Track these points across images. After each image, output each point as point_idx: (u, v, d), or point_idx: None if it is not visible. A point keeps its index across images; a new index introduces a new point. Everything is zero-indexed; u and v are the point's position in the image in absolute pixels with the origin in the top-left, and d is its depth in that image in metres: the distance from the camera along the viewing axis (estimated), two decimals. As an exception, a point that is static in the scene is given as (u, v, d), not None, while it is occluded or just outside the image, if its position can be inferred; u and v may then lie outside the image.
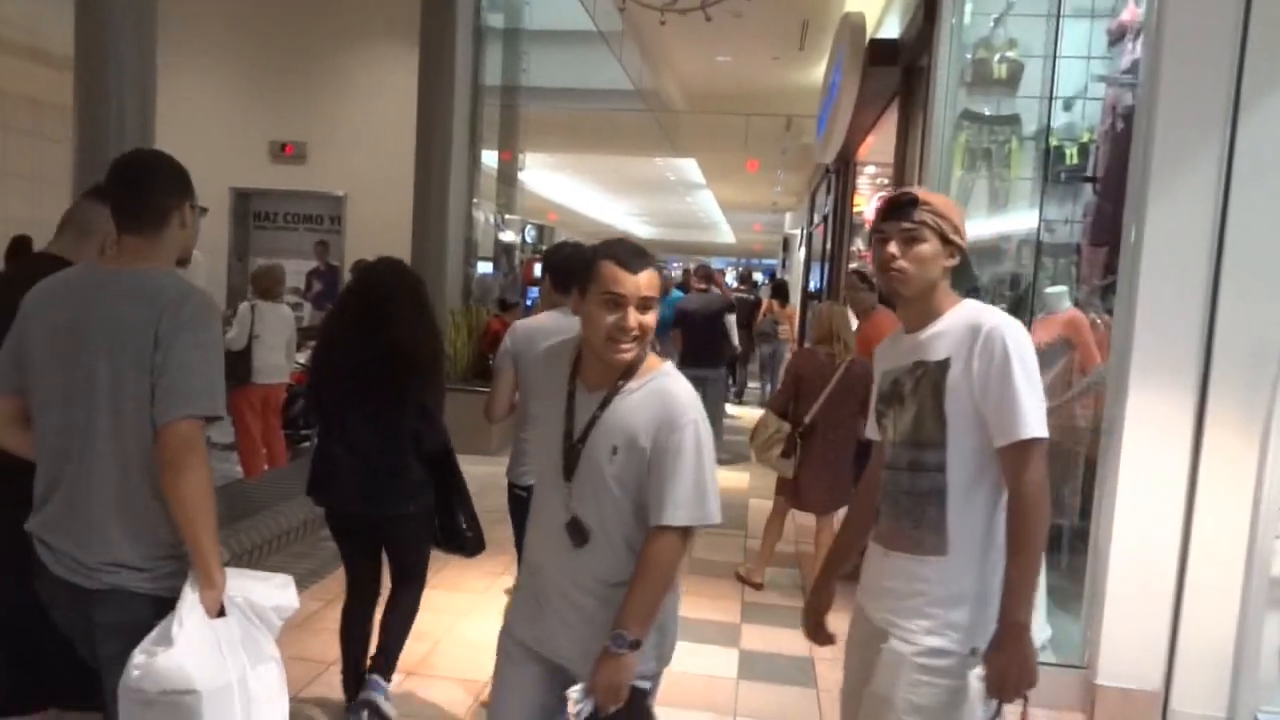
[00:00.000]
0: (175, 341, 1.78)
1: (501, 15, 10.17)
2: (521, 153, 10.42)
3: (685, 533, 1.79)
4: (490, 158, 10.24)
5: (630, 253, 1.83)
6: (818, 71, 10.72)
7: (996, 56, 5.00)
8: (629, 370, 1.84)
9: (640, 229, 41.06)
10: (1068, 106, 5.04)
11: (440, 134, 5.01)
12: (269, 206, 8.47)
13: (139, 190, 1.89)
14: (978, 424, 1.74)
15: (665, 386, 1.84)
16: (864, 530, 1.99)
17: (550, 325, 2.88)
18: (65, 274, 1.94)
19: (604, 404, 1.84)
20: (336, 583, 4.26)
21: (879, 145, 9.82)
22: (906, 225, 1.78)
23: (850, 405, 4.34)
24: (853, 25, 7.11)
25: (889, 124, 8.12)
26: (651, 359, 1.88)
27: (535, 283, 14.41)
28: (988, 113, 5.05)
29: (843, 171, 11.58)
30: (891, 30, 6.77)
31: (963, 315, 1.80)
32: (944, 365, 1.77)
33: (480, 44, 8.74)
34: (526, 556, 2.02)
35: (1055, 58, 3.81)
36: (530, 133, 12.80)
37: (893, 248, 1.79)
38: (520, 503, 2.92)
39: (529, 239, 33.98)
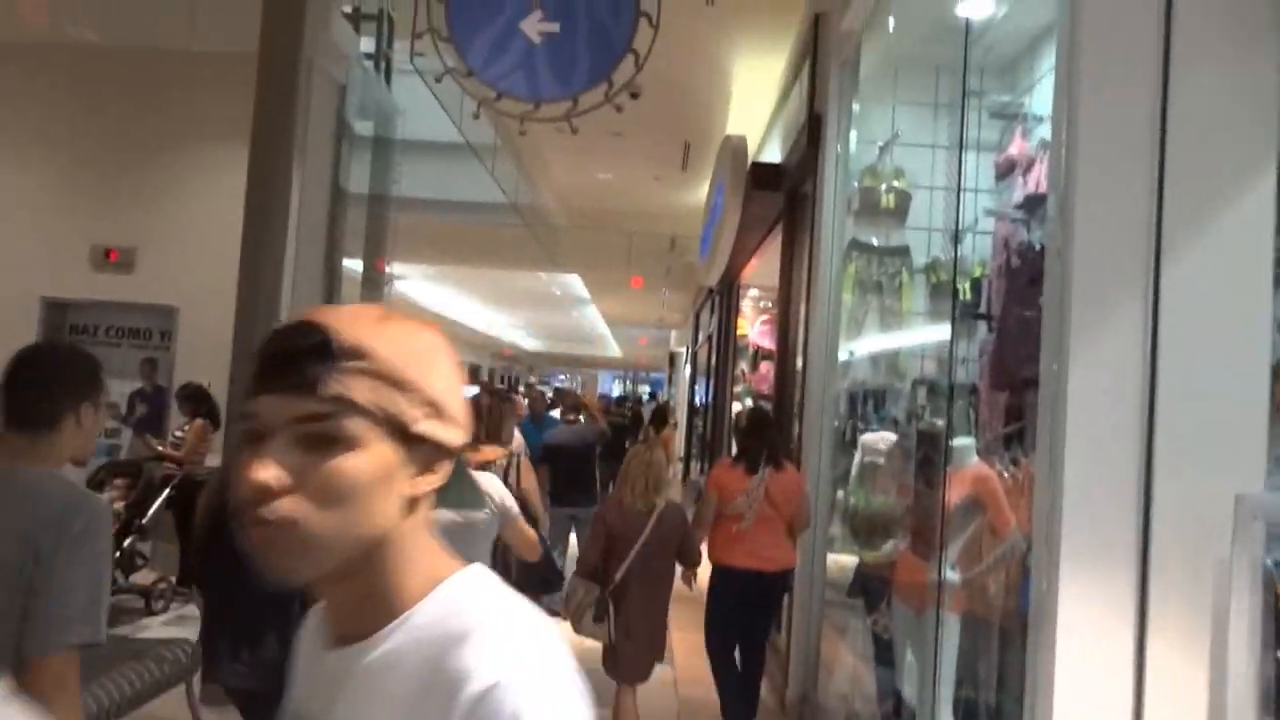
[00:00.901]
0: (60, 560, 1.62)
1: (371, 123, 9.64)
2: (390, 264, 9.74)
3: None
4: (357, 267, 9.55)
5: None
6: (701, 192, 10.61)
7: (884, 185, 4.75)
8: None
9: (526, 341, 40.62)
10: (955, 240, 4.80)
11: (270, 242, 4.34)
12: (89, 319, 7.48)
13: (33, 390, 1.77)
14: None
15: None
16: None
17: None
18: None
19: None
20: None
21: (763, 268, 9.65)
22: (310, 410, 0.79)
23: (667, 556, 4.09)
24: (734, 148, 6.90)
25: (773, 247, 7.91)
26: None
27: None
28: (876, 243, 4.75)
29: (726, 294, 11.39)
30: (774, 154, 6.57)
31: (442, 625, 0.81)
32: None
33: (342, 149, 8.14)
34: None
35: (960, 189, 3.48)
36: (405, 243, 12.19)
37: (262, 470, 0.77)
38: None
39: (410, 349, 33.06)
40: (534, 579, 3.72)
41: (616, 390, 51.38)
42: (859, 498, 4.67)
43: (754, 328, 11.70)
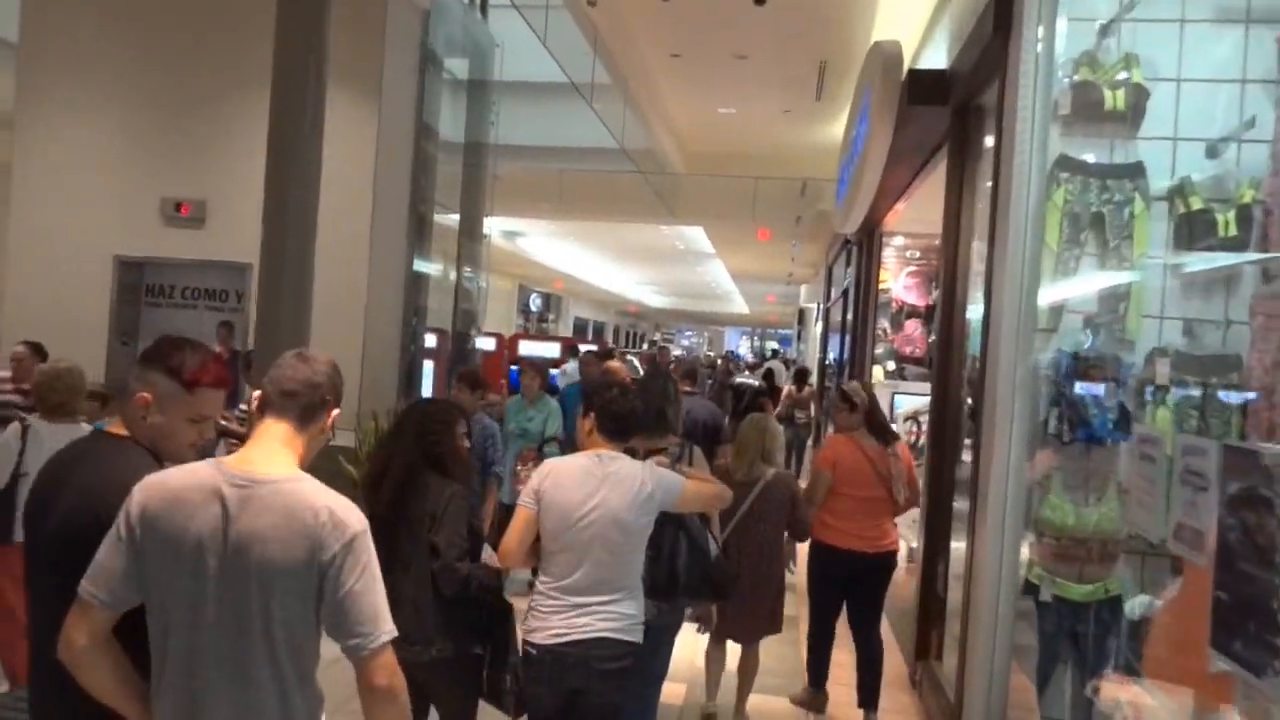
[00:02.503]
0: (346, 568, 1.68)
1: (465, 61, 8.74)
2: (490, 215, 8.91)
3: None
4: (453, 220, 8.76)
5: None
6: (837, 126, 9.24)
7: (1108, 80, 3.41)
8: None
9: (651, 298, 39.76)
10: (1212, 153, 3.43)
11: (299, 191, 3.46)
12: (163, 279, 6.94)
13: (302, 373, 1.83)
14: None
15: None
16: None
17: (583, 468, 2.79)
18: (190, 476, 1.72)
19: None
20: None
21: (910, 212, 8.29)
22: None
23: (768, 527, 4.00)
24: (885, 57, 5.58)
25: (927, 185, 6.57)
26: None
27: (519, 363, 12.83)
28: (1095, 160, 3.44)
29: (866, 243, 10.02)
30: (938, 59, 5.24)
31: None
32: None
33: (428, 85, 7.25)
34: None
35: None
36: (511, 195, 11.36)
37: None
38: (529, 662, 2.77)
39: (535, 308, 32.85)
40: (705, 582, 3.23)
41: (743, 347, 50.03)
42: (1061, 510, 3.44)
43: (898, 281, 10.34)
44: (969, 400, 4.89)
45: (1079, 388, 3.40)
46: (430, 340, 8.77)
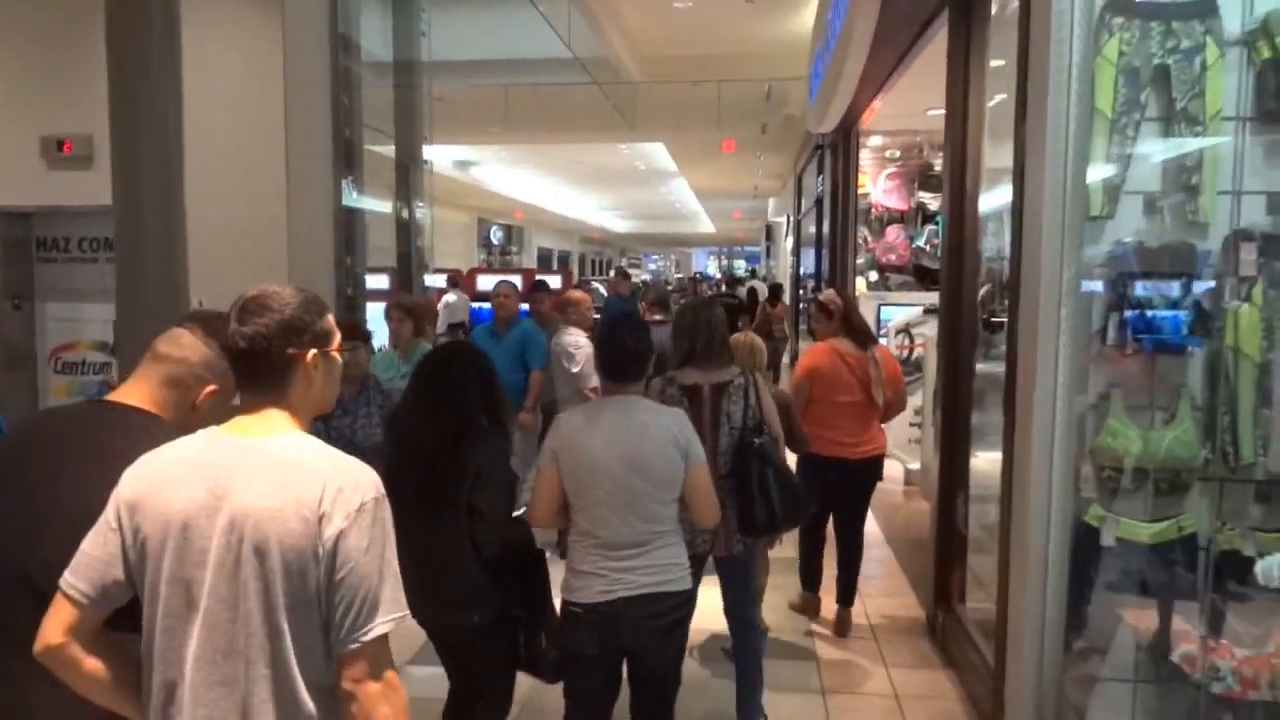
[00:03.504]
0: (350, 545, 1.46)
1: (387, -37, 7.74)
2: (428, 141, 8.06)
3: None
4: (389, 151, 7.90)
5: None
6: (804, 17, 8.43)
7: (1168, -107, 2.71)
8: None
9: (615, 224, 38.73)
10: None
11: (152, 112, 2.73)
12: (55, 230, 6.08)
13: (253, 331, 1.54)
14: None
15: None
16: None
17: (597, 418, 2.64)
18: (176, 450, 1.55)
19: None
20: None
21: (890, 108, 7.60)
22: None
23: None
24: (868, -87, 4.79)
25: (909, 74, 5.86)
26: None
27: (480, 298, 12.07)
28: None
29: (841, 146, 9.30)
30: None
31: None
32: None
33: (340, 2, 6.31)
34: None
35: None
36: (454, 119, 10.46)
37: None
38: (576, 621, 2.62)
39: (496, 240, 31.83)
40: (796, 510, 3.26)
41: (712, 267, 49.30)
42: (1124, 436, 2.84)
43: (876, 185, 9.66)
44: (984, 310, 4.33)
45: (1143, 287, 2.79)
46: (380, 281, 8.02)
